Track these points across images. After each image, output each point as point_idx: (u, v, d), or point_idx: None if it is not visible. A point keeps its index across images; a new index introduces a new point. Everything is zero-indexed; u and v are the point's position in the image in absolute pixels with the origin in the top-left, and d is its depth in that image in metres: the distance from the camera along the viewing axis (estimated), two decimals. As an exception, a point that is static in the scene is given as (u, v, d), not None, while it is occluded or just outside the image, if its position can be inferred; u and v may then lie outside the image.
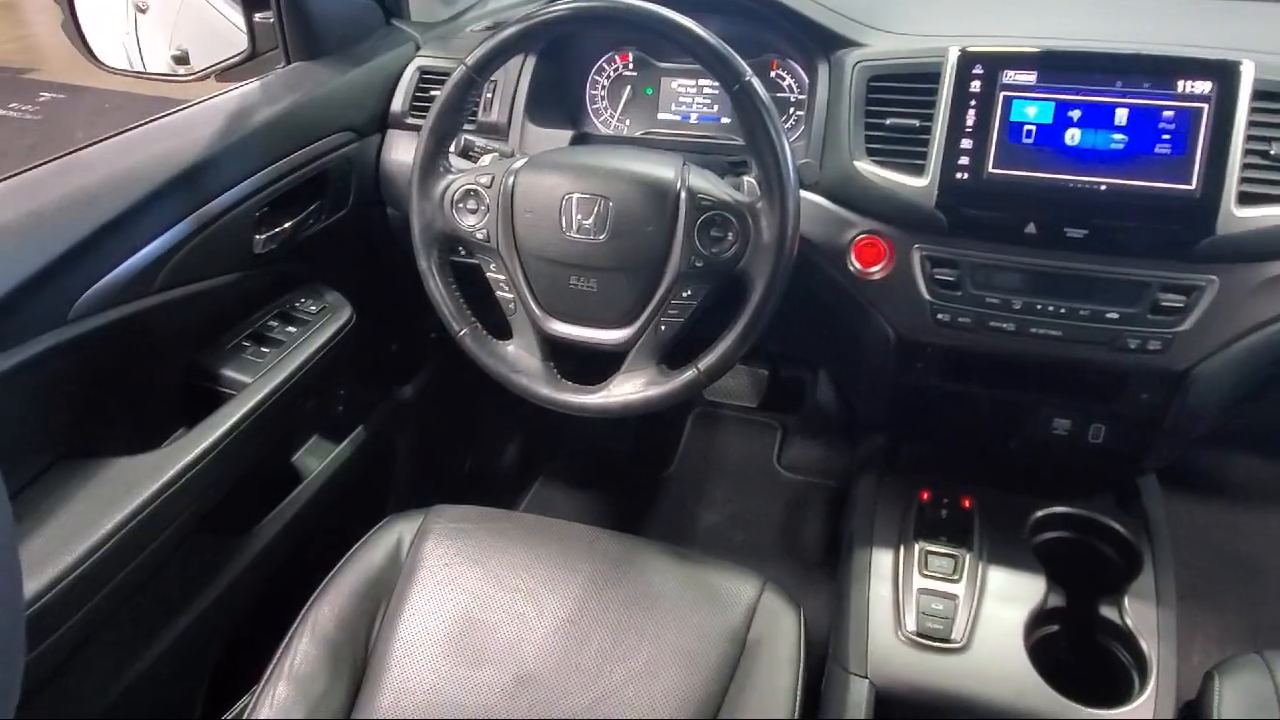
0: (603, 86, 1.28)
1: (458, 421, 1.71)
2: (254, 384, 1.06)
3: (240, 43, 1.29)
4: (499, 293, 1.02)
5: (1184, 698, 0.95)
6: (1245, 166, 0.89)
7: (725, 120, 1.23)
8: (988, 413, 1.13)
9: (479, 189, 1.00)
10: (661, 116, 1.27)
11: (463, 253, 1.06)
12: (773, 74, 1.20)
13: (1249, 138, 0.89)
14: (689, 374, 0.95)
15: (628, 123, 1.28)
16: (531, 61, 1.23)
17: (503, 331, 1.05)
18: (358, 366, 1.37)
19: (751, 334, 0.93)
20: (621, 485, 1.77)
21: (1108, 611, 1.04)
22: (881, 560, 1.09)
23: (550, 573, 1.04)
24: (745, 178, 0.98)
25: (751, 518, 1.69)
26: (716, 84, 1.17)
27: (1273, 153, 0.89)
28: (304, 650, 0.97)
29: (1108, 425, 1.08)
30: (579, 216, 0.96)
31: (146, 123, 1.07)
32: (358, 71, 1.25)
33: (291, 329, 1.15)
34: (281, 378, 1.07)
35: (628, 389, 0.98)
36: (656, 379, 0.97)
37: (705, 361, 0.95)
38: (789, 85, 1.20)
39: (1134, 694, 0.96)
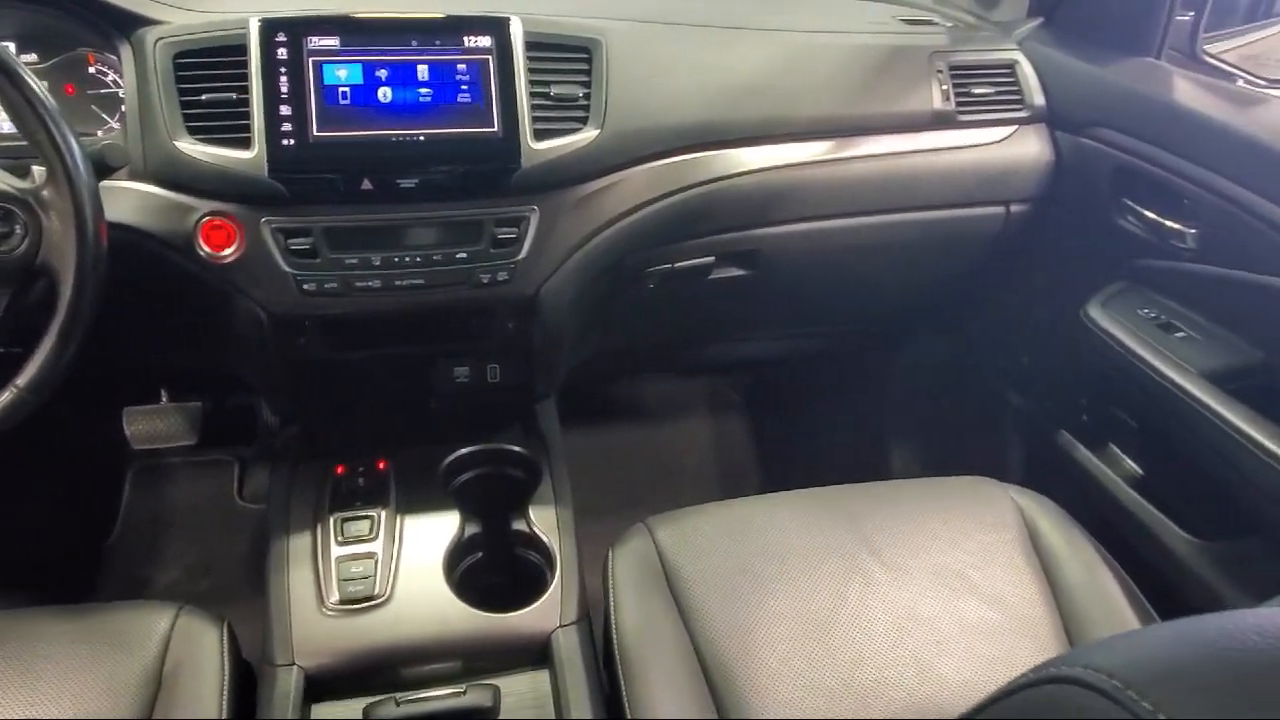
0: None
1: None
2: None
3: None
4: None
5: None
6: (534, 107, 1.01)
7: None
8: (393, 375, 1.15)
9: None
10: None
11: None
12: (92, 69, 1.09)
13: (531, 82, 1.01)
14: (7, 395, 0.82)
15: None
16: None
17: None
18: None
19: (73, 334, 0.83)
20: (46, 572, 1.50)
21: (519, 525, 1.13)
22: (299, 543, 1.06)
23: None
24: (34, 166, 0.87)
25: (215, 563, 1.55)
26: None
27: (553, 93, 1.03)
28: None
29: (500, 364, 1.16)
30: None
31: None
32: None
33: None
34: None
35: None
36: None
37: (24, 377, 0.82)
38: (113, 80, 1.10)
39: (548, 586, 1.05)
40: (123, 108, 1.09)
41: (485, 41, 1.00)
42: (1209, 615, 0.33)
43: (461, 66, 0.99)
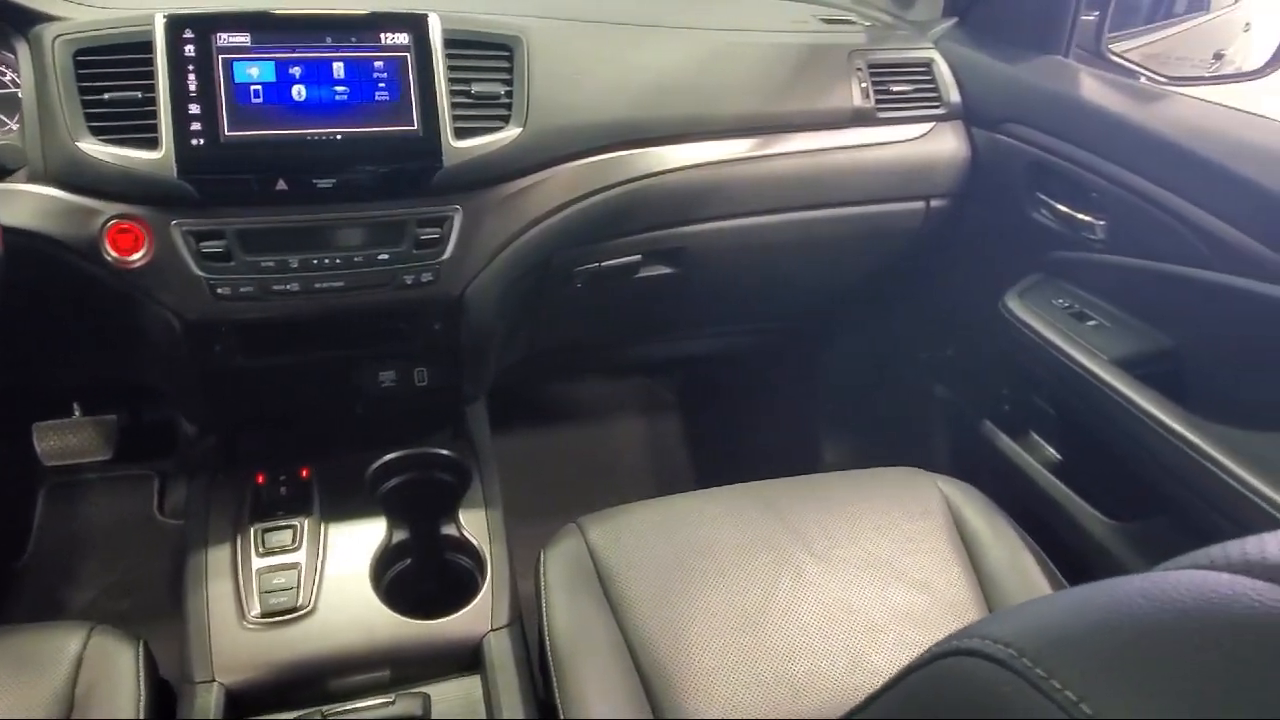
0: None
1: None
2: None
3: None
4: None
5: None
6: (454, 105, 1.00)
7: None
8: (316, 381, 1.12)
9: None
10: None
11: None
12: (-15, 68, 1.05)
13: (452, 80, 0.99)
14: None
15: None
16: None
17: None
18: None
19: None
20: None
21: (448, 530, 1.11)
22: (218, 556, 1.03)
23: None
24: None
25: (135, 581, 1.49)
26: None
27: (474, 91, 1.02)
28: None
29: (427, 367, 1.14)
30: None
31: None
32: None
33: None
34: None
35: None
36: None
37: None
38: (11, 79, 1.05)
39: (479, 590, 1.04)
40: (21, 108, 1.05)
41: (403, 38, 0.98)
42: (1102, 583, 0.34)
43: (379, 64, 0.98)
